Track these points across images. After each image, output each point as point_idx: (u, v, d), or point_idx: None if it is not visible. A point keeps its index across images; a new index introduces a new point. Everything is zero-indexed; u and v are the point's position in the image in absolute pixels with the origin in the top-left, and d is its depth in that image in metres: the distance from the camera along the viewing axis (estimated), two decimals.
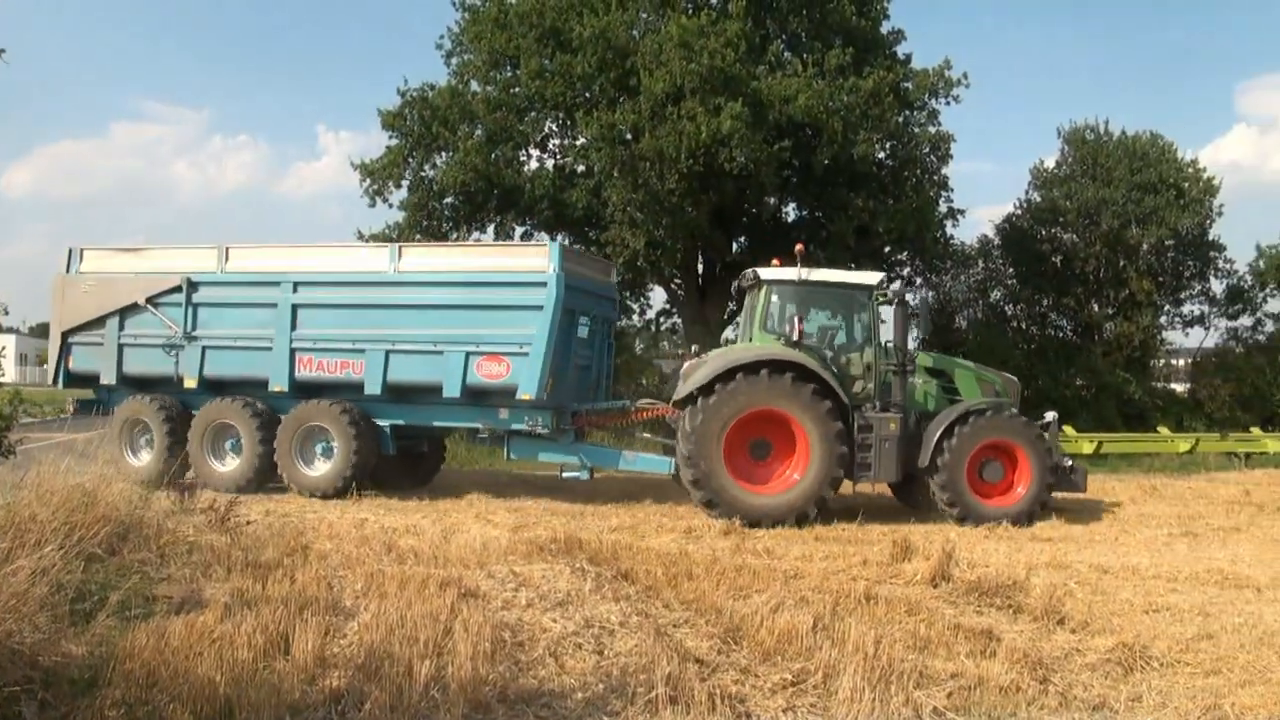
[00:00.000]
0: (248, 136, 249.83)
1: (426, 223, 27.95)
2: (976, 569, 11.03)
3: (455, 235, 28.24)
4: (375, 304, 16.84)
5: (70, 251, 18.64)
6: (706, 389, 15.30)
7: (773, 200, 28.77)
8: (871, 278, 16.89)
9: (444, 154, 27.66)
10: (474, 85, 28.46)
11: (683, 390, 15.96)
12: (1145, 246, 34.83)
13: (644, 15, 27.13)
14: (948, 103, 28.95)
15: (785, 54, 27.42)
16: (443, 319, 16.41)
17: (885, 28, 29.44)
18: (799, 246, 16.22)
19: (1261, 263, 39.27)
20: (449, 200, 27.98)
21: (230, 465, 17.23)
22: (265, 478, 17.11)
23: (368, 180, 27.78)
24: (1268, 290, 38.03)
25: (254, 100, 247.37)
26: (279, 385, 17.11)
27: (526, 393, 15.88)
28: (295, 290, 17.13)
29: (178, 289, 17.63)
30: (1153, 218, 34.52)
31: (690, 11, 26.30)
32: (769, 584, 9.71)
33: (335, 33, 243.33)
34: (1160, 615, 9.46)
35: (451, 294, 16.53)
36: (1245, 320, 38.30)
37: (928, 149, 29.17)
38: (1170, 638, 8.47)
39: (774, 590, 9.36)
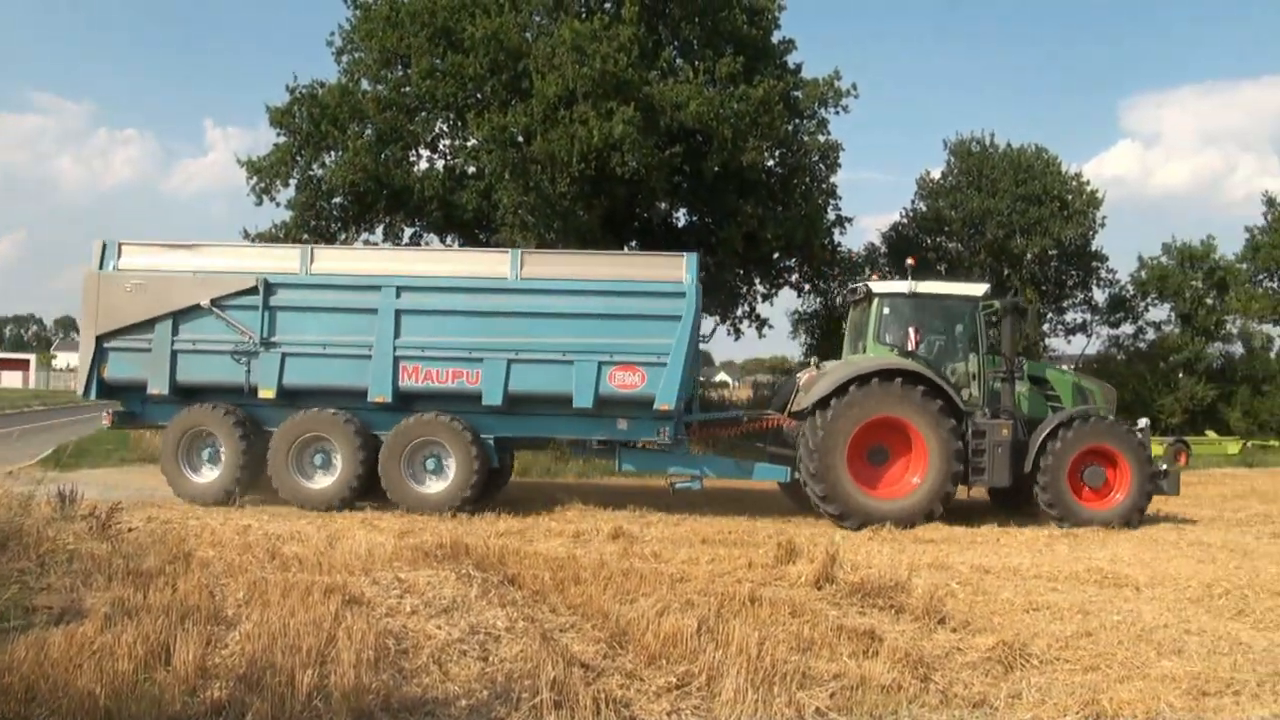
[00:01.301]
0: (134, 130, 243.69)
1: (314, 222, 27.53)
2: (860, 570, 11.17)
3: (344, 236, 27.92)
4: (495, 311, 16.13)
5: (104, 245, 16.86)
6: (826, 400, 15.87)
7: (664, 205, 28.92)
8: (977, 289, 17.48)
9: (333, 153, 27.22)
10: (364, 84, 28.11)
11: (804, 401, 16.44)
12: (1029, 256, 35.88)
13: (537, 18, 27.09)
14: (836, 112, 29.44)
15: (677, 60, 27.56)
16: (572, 328, 16.00)
17: (776, 37, 29.80)
18: (911, 260, 16.80)
19: (1143, 273, 40.72)
20: (337, 200, 27.59)
21: (322, 482, 16.25)
22: (360, 495, 16.30)
23: (255, 178, 27.16)
24: (1149, 299, 39.41)
25: (141, 92, 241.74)
26: (381, 395, 16.15)
27: (665, 403, 15.86)
28: (399, 295, 16.19)
29: (251, 291, 16.34)
30: (1037, 228, 35.55)
31: (583, 15, 26.31)
32: (656, 587, 9.73)
33: (225, 24, 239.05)
34: (1040, 614, 9.66)
35: (582, 302, 16.07)
36: (1127, 328, 39.78)
37: (817, 158, 29.67)
38: (1050, 636, 8.69)
39: (660, 594, 9.39)
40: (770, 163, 28.43)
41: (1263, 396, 37.71)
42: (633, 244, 29.45)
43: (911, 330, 16.44)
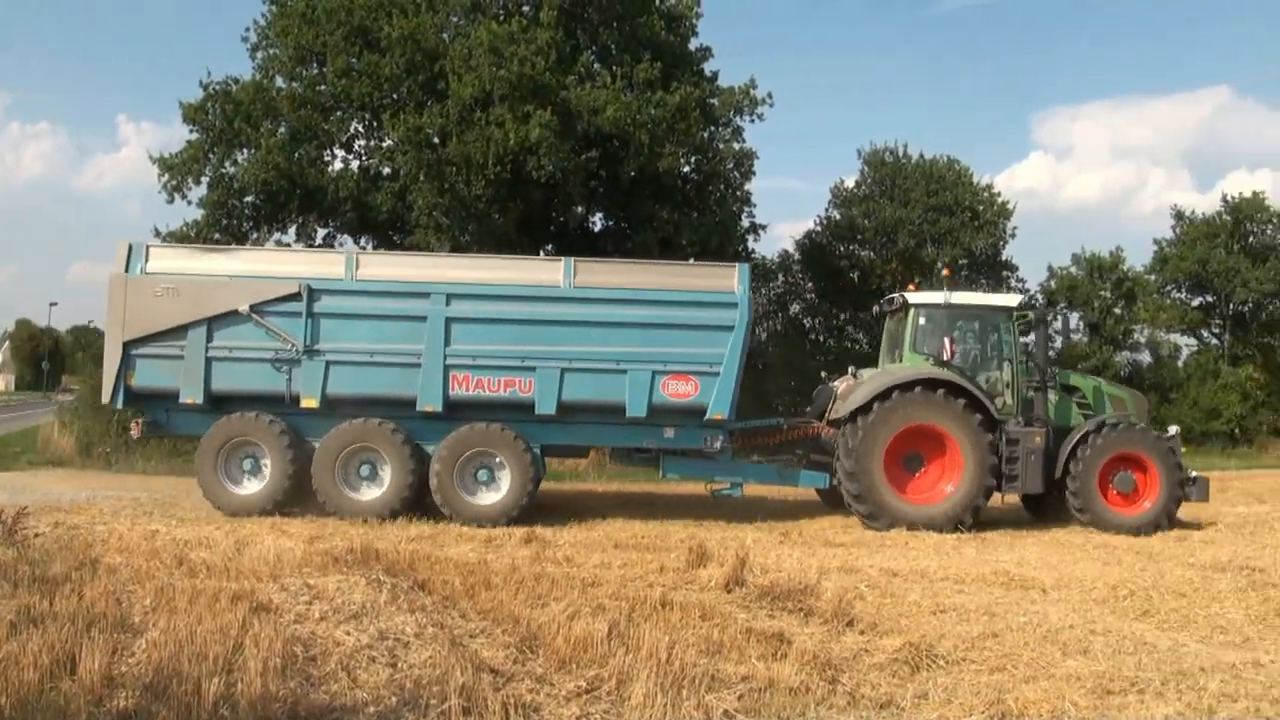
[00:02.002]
0: (47, 124, 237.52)
1: (226, 221, 27.06)
2: (770, 574, 11.26)
3: (255, 236, 27.53)
4: (548, 320, 15.94)
5: (130, 247, 16.14)
6: (864, 408, 16.11)
7: (580, 210, 28.90)
8: (1012, 299, 18.03)
9: (246, 151, 26.81)
10: (279, 81, 27.72)
11: (842, 409, 16.69)
12: (940, 265, 36.34)
13: (454, 19, 26.93)
14: (752, 120, 29.65)
15: (595, 65, 27.53)
16: (625, 337, 15.91)
17: (693, 44, 29.96)
18: (946, 270, 16.90)
19: (1053, 283, 41.58)
20: (250, 199, 27.16)
21: (370, 494, 15.86)
22: (410, 506, 15.87)
23: (166, 176, 26.63)
24: (1059, 308, 40.19)
25: (55, 85, 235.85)
26: (431, 405, 15.81)
27: (719, 412, 15.90)
28: (449, 303, 15.86)
29: (294, 296, 15.80)
30: (948, 238, 36.17)
31: (501, 18, 26.21)
32: (567, 592, 9.73)
33: (141, 14, 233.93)
34: (947, 615, 9.77)
35: (636, 311, 15.99)
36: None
37: (732, 165, 29.85)
38: (957, 637, 8.79)
39: (571, 598, 9.37)
40: (686, 169, 28.58)
41: (1170, 404, 38.76)
42: (548, 248, 29.31)
43: (947, 340, 16.72)
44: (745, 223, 31.56)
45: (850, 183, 40.31)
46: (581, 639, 7.76)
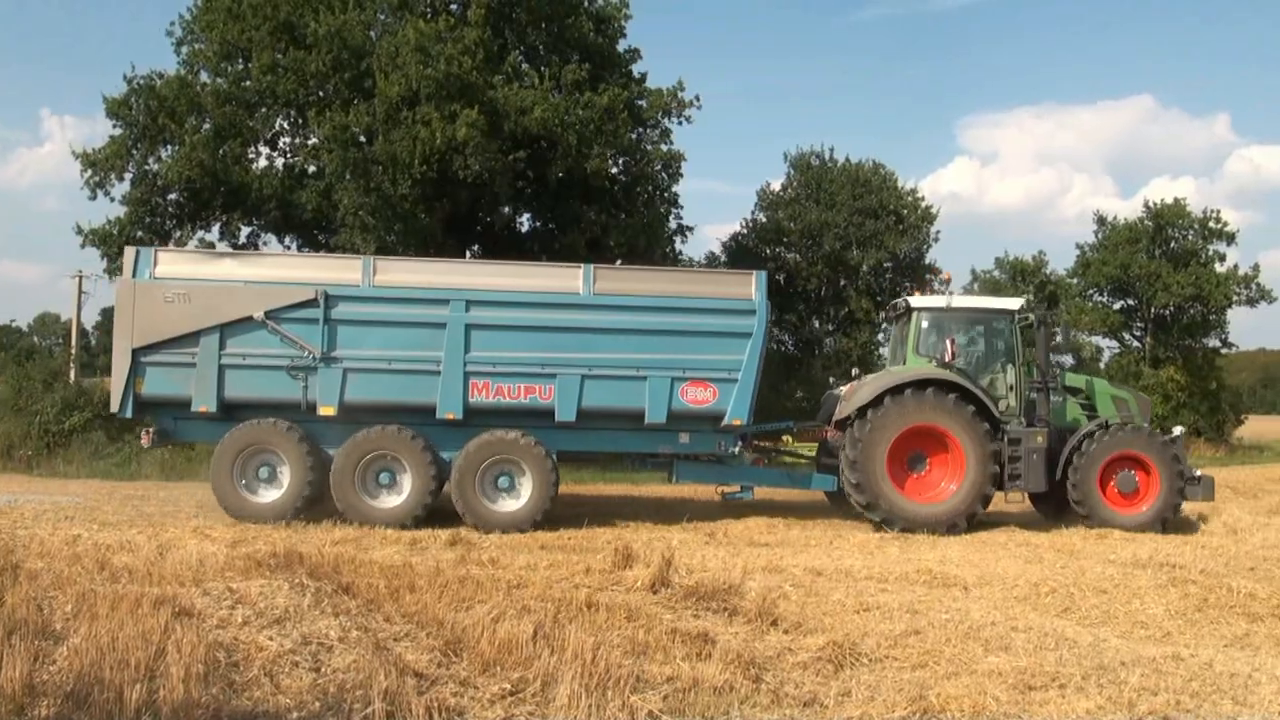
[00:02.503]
0: None
1: (150, 219, 26.76)
2: (695, 574, 11.28)
3: (179, 234, 27.20)
4: (568, 326, 15.90)
5: (137, 252, 15.82)
6: (867, 408, 16.33)
7: (507, 210, 28.86)
8: (1013, 303, 18.14)
9: (169, 147, 26.52)
10: (204, 76, 27.46)
11: (844, 410, 16.91)
12: (865, 268, 36.88)
13: (381, 16, 26.80)
14: (680, 123, 29.84)
15: (523, 65, 27.56)
16: (644, 344, 15.93)
17: (622, 46, 30.04)
18: (946, 274, 17.07)
19: (976, 285, 42.20)
20: (173, 196, 26.87)
21: (390, 500, 15.70)
22: (428, 512, 15.80)
23: (89, 171, 26.32)
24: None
25: None
26: (451, 412, 15.69)
27: (737, 418, 16.03)
28: (469, 309, 15.75)
29: (310, 303, 15.56)
30: (872, 241, 36.58)
31: (429, 16, 26.16)
32: (492, 594, 9.69)
33: (67, 5, 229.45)
34: (870, 614, 9.84)
35: (655, 319, 16.03)
36: (960, 338, 41.16)
37: (660, 166, 29.97)
38: (880, 635, 8.87)
39: (496, 600, 9.34)
40: (614, 170, 28.64)
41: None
42: (475, 248, 29.35)
43: (948, 342, 16.94)
44: (673, 224, 31.74)
45: (776, 186, 40.71)
46: (506, 641, 7.72)
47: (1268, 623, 9.92)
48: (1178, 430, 17.79)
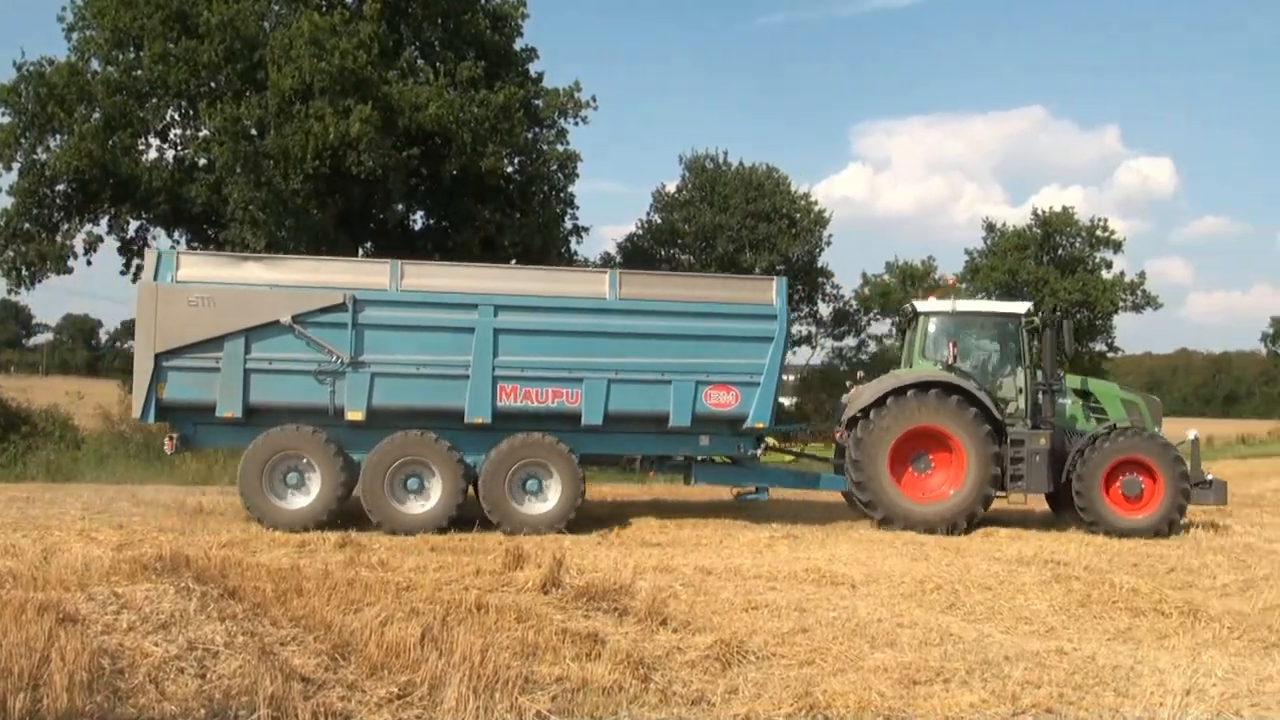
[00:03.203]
0: None
1: (37, 210, 26.11)
2: (586, 575, 11.31)
3: (66, 226, 26.59)
4: (595, 331, 15.96)
5: (159, 256, 15.61)
6: (871, 409, 16.62)
7: (400, 207, 28.71)
8: (1020, 306, 18.27)
9: (59, 136, 25.84)
10: (95, 64, 26.77)
11: (849, 412, 17.14)
12: (758, 270, 37.26)
13: (276, 7, 26.58)
14: (576, 123, 29.97)
15: (419, 61, 27.48)
16: (669, 348, 16.06)
17: (519, 45, 30.08)
18: (951, 279, 16.95)
19: (867, 289, 42.99)
20: (61, 187, 26.25)
21: (419, 506, 15.58)
22: (456, 517, 15.60)
23: None
24: (872, 314, 41.59)
25: None
26: (480, 416, 15.66)
27: (759, 421, 16.25)
28: (497, 314, 15.71)
29: (338, 307, 15.39)
30: (765, 244, 37.06)
31: (323, 8, 25.97)
32: (380, 597, 9.61)
33: None
34: (759, 612, 9.93)
35: (680, 324, 16.16)
36: (850, 341, 41.91)
37: (555, 166, 30.06)
38: (768, 632, 8.97)
39: (385, 603, 9.26)
40: (509, 169, 28.62)
41: None
42: (367, 245, 29.10)
43: (950, 345, 17.18)
44: (568, 224, 31.87)
45: (672, 187, 41.00)
46: (394, 644, 7.69)
47: (1149, 617, 10.24)
48: (1192, 433, 18.11)
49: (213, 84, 25.70)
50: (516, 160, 29.05)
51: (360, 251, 28.59)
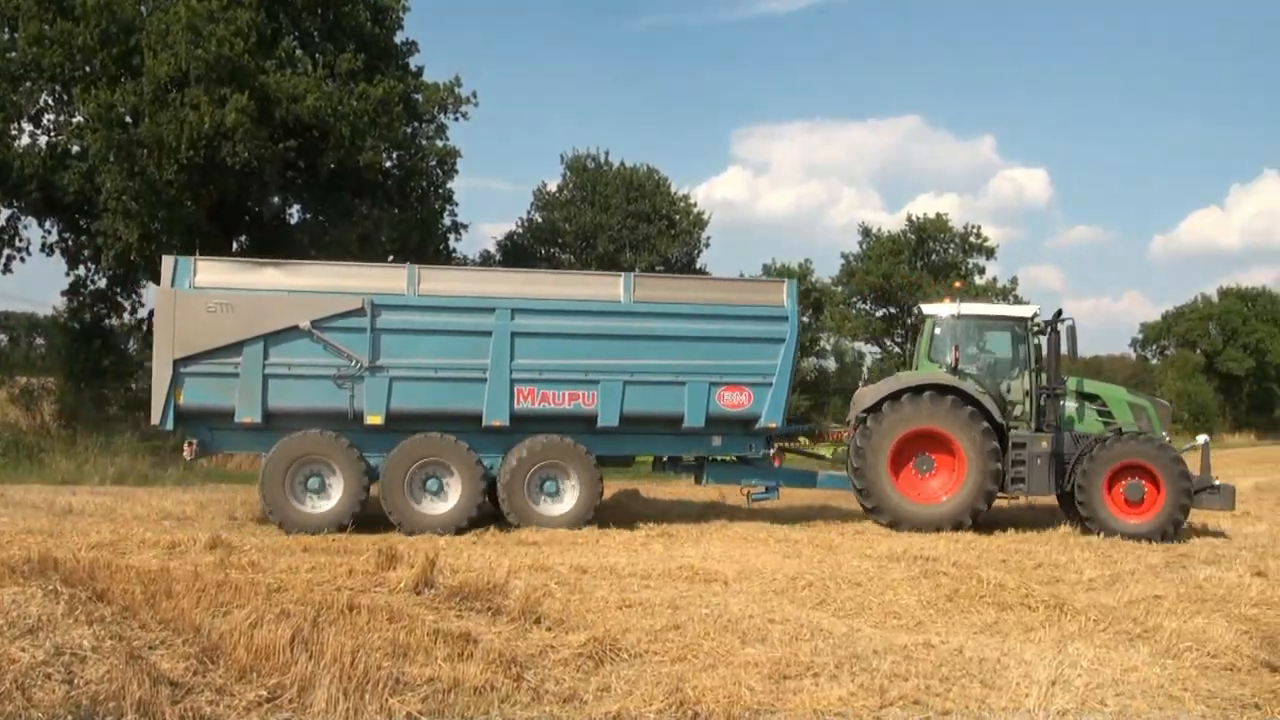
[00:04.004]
0: None
1: None
2: (460, 574, 11.25)
3: None
4: (610, 334, 16.22)
5: (176, 262, 15.49)
6: (871, 410, 17.09)
7: (276, 200, 28.38)
8: (1026, 310, 18.32)
9: None
10: None
11: (852, 414, 17.46)
12: (637, 270, 37.63)
13: None
14: (456, 119, 29.92)
15: (297, 51, 27.11)
16: (683, 350, 16.34)
17: (399, 38, 29.91)
18: (958, 283, 17.12)
19: None
20: None
21: (438, 508, 15.76)
22: (478, 516, 15.90)
23: None
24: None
25: None
26: (498, 419, 15.82)
27: (772, 421, 16.63)
28: (513, 318, 15.87)
29: (356, 312, 15.47)
30: (645, 245, 37.37)
31: None
32: (251, 598, 9.47)
33: None
34: (633, 610, 10.00)
35: (692, 325, 16.44)
36: None
37: (435, 162, 29.95)
38: (641, 630, 9.05)
39: (255, 605, 9.10)
40: (388, 164, 28.52)
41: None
42: (242, 239, 28.68)
43: (953, 348, 17.42)
44: (447, 221, 31.80)
45: (553, 186, 41.11)
46: (263, 647, 7.61)
47: (1016, 611, 10.48)
48: (1202, 438, 18.41)
49: (88, 68, 25.05)
50: (395, 155, 28.92)
51: (234, 245, 28.22)
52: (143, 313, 31.04)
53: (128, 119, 24.27)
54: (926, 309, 18.72)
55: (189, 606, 9.01)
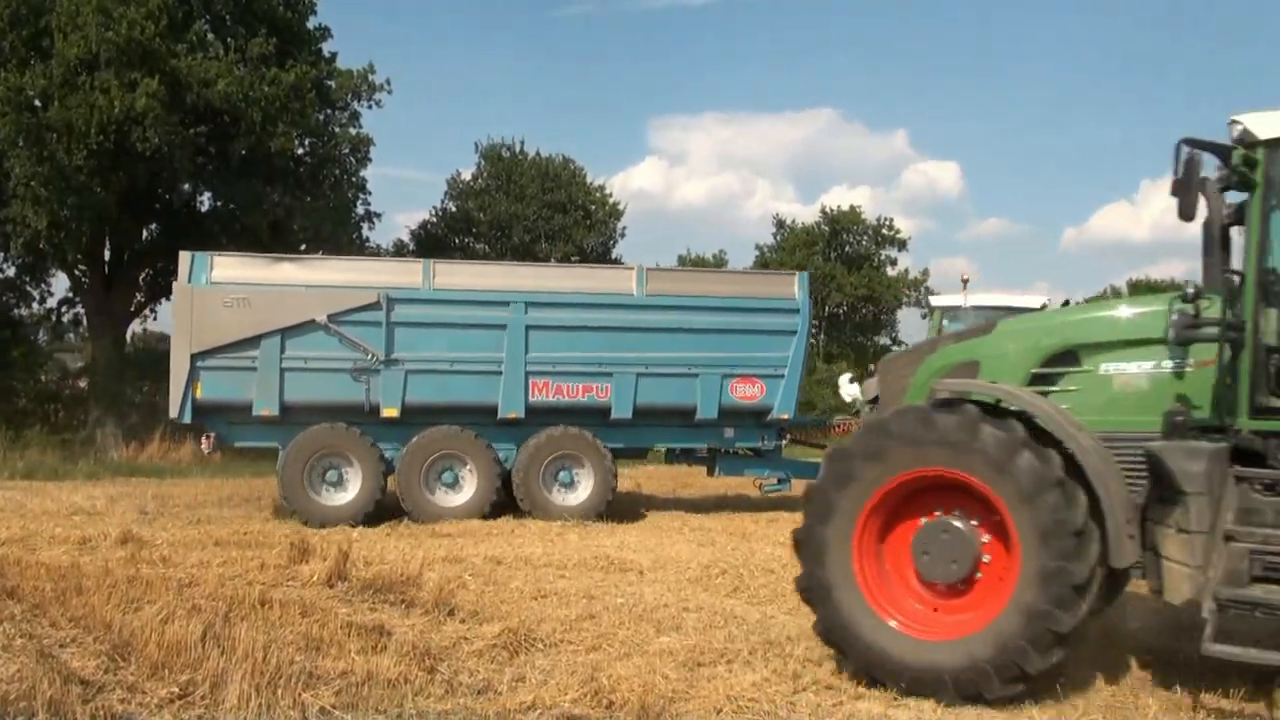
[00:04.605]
0: None
1: None
2: (374, 567, 11.27)
3: None
4: (624, 326, 16.42)
5: (192, 258, 15.65)
6: (872, 401, 16.63)
7: (187, 187, 27.90)
8: (1035, 300, 18.38)
9: None
10: None
11: (862, 400, 17.62)
12: (553, 260, 37.71)
13: None
14: (369, 106, 29.71)
15: (209, 35, 26.66)
16: (695, 343, 16.53)
17: (312, 23, 29.45)
18: (965, 275, 17.90)
19: None
20: None
21: (454, 499, 15.97)
22: (492, 508, 15.99)
23: None
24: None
25: None
26: (513, 411, 16.08)
27: (784, 412, 16.81)
28: (528, 311, 16.09)
29: (372, 306, 15.70)
30: (561, 235, 37.42)
31: None
32: (162, 594, 9.45)
33: None
34: (548, 600, 10.11)
35: (705, 318, 16.65)
36: None
37: (347, 150, 29.70)
38: (556, 620, 9.11)
39: (167, 600, 9.11)
40: (300, 151, 28.18)
41: None
42: (152, 227, 28.24)
43: None
44: (360, 210, 31.55)
45: (467, 175, 40.98)
46: (175, 643, 7.54)
47: None
48: None
49: None
50: (307, 142, 28.58)
51: (145, 234, 27.83)
52: (52, 302, 30.64)
53: (37, 102, 23.76)
54: (936, 301, 19.20)
55: (100, 603, 8.94)
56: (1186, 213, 7.04)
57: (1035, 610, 6.92)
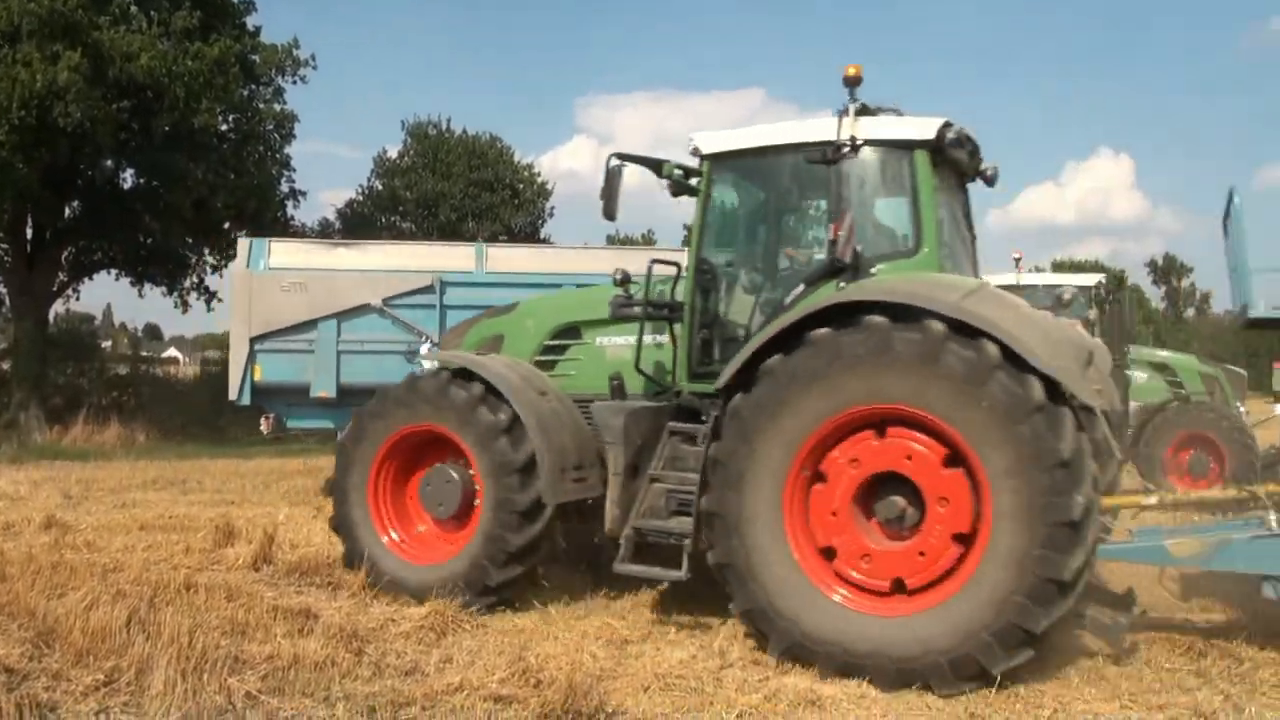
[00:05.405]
0: None
1: None
2: (300, 550, 11.22)
3: None
4: None
5: (251, 244, 16.42)
6: None
7: (110, 164, 27.47)
8: (1090, 279, 18.17)
9: None
10: None
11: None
12: (482, 239, 37.76)
13: None
14: (294, 82, 29.52)
15: (132, 8, 26.14)
16: None
17: None
18: (1017, 254, 17.79)
19: None
20: None
21: None
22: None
23: None
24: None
25: None
26: None
27: None
28: None
29: (426, 290, 16.20)
30: (489, 213, 37.34)
31: None
32: (86, 580, 9.33)
33: None
34: None
35: None
36: None
37: (272, 126, 29.44)
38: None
39: (91, 586, 8.98)
40: (224, 127, 27.94)
41: None
42: (75, 204, 27.75)
43: None
44: (285, 188, 31.19)
45: (394, 153, 40.74)
46: (100, 629, 7.48)
47: None
48: (1279, 408, 18.19)
49: None
50: (231, 118, 28.33)
51: (67, 211, 27.35)
52: None
53: None
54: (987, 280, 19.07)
55: (24, 590, 8.80)
56: (609, 213, 9.17)
57: (492, 534, 8.99)
